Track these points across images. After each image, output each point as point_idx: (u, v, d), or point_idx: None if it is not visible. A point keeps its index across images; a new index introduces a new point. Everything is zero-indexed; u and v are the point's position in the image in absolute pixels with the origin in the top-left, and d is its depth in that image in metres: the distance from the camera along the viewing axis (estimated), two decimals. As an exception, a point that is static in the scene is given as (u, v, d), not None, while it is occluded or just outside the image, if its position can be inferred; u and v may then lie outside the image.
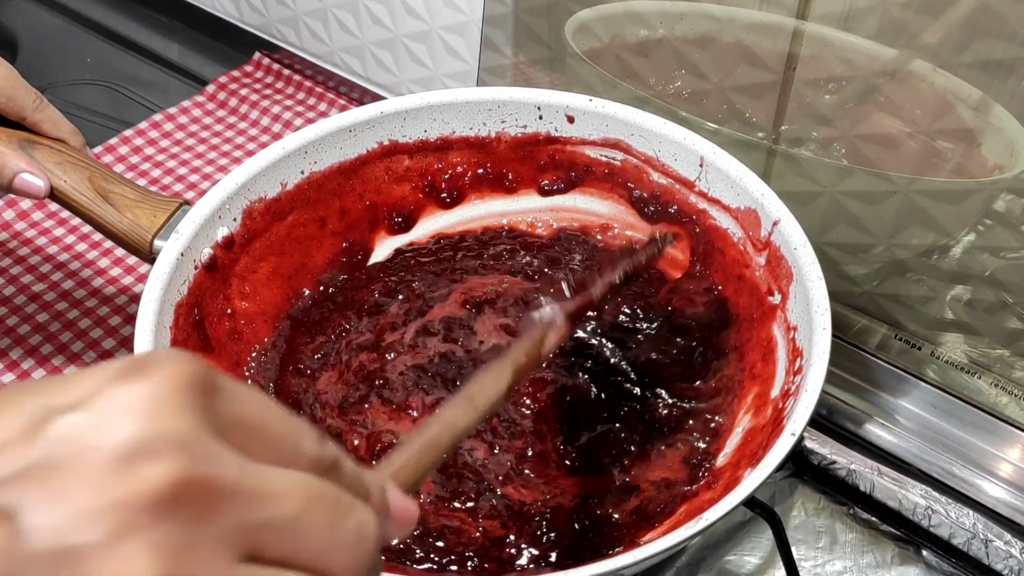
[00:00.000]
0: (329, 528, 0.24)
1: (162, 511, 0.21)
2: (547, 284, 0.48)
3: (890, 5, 0.60)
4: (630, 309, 0.61)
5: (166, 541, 0.21)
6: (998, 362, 0.62)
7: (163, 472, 0.21)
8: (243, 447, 0.23)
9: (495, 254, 0.66)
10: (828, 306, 0.52)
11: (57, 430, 0.21)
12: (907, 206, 0.62)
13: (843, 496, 0.61)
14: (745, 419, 0.55)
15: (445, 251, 0.67)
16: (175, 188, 0.86)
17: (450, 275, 0.64)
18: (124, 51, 1.03)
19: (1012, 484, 0.60)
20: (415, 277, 0.64)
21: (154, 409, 0.22)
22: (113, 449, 0.21)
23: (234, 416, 0.24)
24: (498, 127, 0.66)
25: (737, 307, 0.59)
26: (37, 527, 0.20)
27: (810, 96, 0.67)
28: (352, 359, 0.59)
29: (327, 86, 0.97)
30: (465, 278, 0.64)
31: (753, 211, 0.58)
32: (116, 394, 0.22)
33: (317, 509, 0.24)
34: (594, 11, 0.72)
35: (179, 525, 0.21)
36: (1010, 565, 0.56)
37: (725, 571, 0.58)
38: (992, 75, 0.58)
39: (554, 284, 0.44)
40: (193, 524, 0.21)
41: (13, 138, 0.60)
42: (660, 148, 0.63)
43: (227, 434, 0.23)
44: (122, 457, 0.21)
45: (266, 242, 0.62)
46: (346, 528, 0.24)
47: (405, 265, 0.66)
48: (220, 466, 0.22)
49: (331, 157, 0.64)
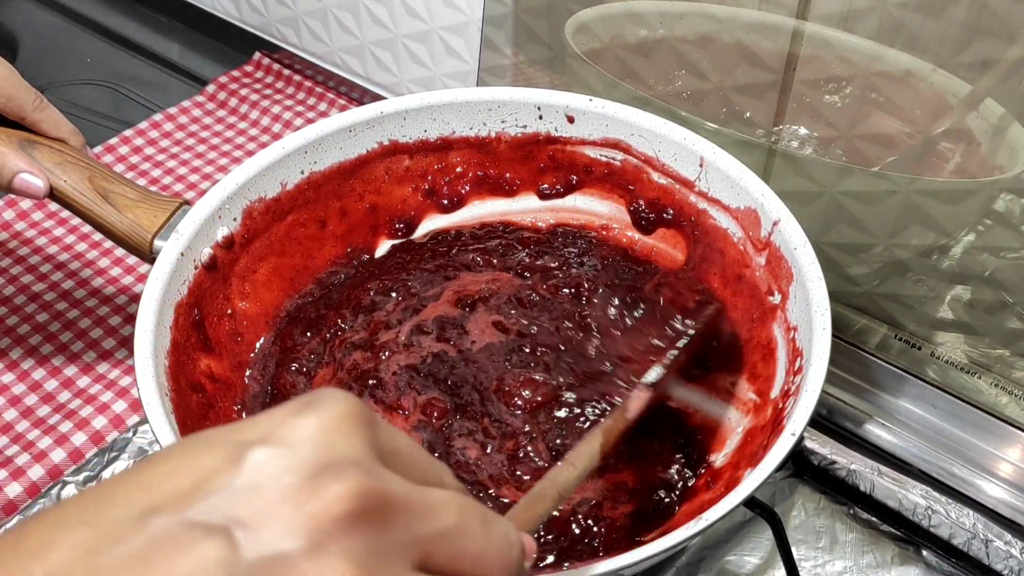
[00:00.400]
0: (483, 535, 0.28)
1: (350, 522, 0.24)
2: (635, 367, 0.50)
3: (890, 5, 0.60)
4: (619, 300, 0.60)
5: (355, 548, 0.24)
6: (998, 362, 0.62)
7: (348, 487, 0.25)
8: (400, 473, 0.27)
9: (490, 248, 0.66)
10: (828, 306, 0.52)
11: (254, 459, 0.25)
12: (907, 206, 0.62)
13: (843, 496, 0.61)
14: (745, 419, 0.55)
15: (440, 247, 0.67)
16: (175, 188, 0.86)
17: (444, 272, 0.64)
18: (124, 51, 1.03)
19: (1012, 484, 0.60)
20: (410, 275, 0.64)
21: (330, 437, 0.26)
22: (302, 471, 0.25)
23: (391, 446, 0.27)
24: (498, 127, 0.66)
25: (734, 313, 0.59)
26: (250, 539, 0.24)
27: (810, 96, 0.67)
28: (346, 358, 0.59)
29: (327, 86, 0.97)
30: (459, 275, 0.64)
31: (753, 211, 0.58)
32: (296, 427, 0.26)
33: (471, 518, 0.27)
34: (594, 11, 0.72)
35: (364, 534, 0.24)
36: (1010, 565, 0.56)
37: (725, 571, 0.58)
38: (992, 75, 0.58)
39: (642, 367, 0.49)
40: (375, 533, 0.25)
41: (13, 138, 0.60)
42: (660, 148, 0.63)
43: (386, 461, 0.27)
44: (311, 476, 0.25)
45: (266, 242, 0.62)
46: (496, 535, 0.28)
47: (401, 262, 0.66)
48: (390, 483, 0.26)
49: (331, 157, 0.64)
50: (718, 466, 0.53)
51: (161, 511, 0.24)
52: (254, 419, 0.27)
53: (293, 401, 0.27)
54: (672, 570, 0.57)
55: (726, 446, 0.54)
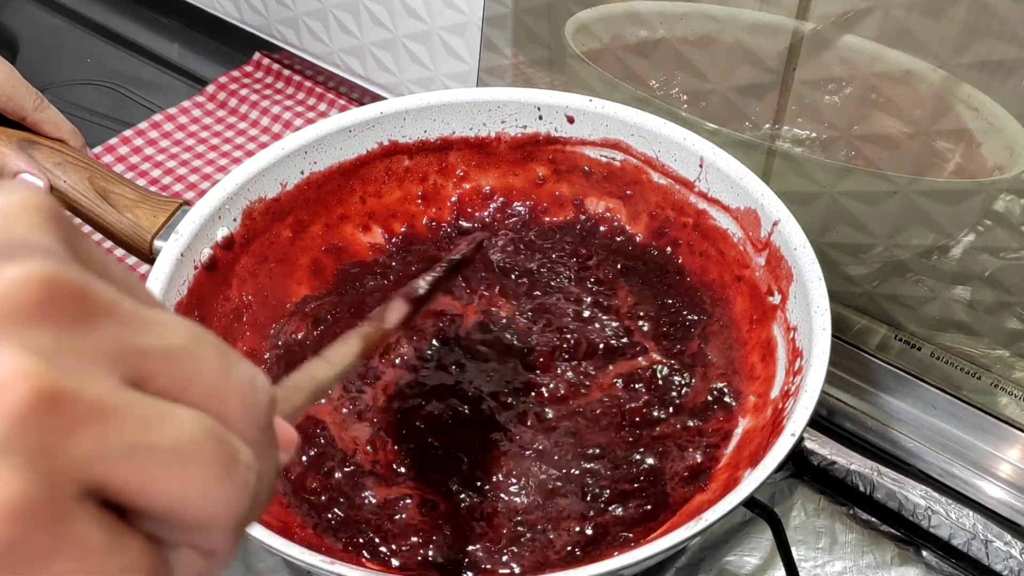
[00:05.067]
0: (220, 368, 0.22)
1: (33, 310, 0.19)
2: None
3: (890, 5, 0.60)
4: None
5: (40, 342, 0.18)
6: (998, 362, 0.62)
7: (31, 270, 0.19)
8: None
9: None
10: (828, 306, 0.52)
11: None
12: (907, 206, 0.62)
13: (843, 496, 0.61)
14: (745, 419, 0.55)
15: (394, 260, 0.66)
16: (175, 188, 0.86)
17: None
18: (124, 51, 1.03)
19: (1012, 484, 0.60)
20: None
21: (8, 223, 0.20)
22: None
23: (96, 257, 0.22)
24: (498, 127, 0.66)
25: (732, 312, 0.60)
26: None
27: (810, 96, 0.67)
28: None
29: (327, 86, 0.97)
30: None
31: (753, 211, 0.58)
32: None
33: (205, 345, 0.22)
34: (594, 11, 0.72)
35: (53, 328, 0.19)
36: (1010, 566, 0.56)
37: (725, 571, 0.58)
38: (992, 75, 0.58)
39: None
40: (67, 330, 0.19)
41: (13, 138, 0.60)
42: (660, 148, 0.63)
43: (87, 267, 0.21)
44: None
45: (266, 242, 0.62)
46: (239, 373, 0.22)
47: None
48: (90, 281, 0.20)
49: (331, 157, 0.64)
50: (718, 466, 0.53)
51: None
52: None
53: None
54: (672, 570, 0.57)
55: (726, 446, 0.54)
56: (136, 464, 0.19)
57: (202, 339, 0.22)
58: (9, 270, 0.19)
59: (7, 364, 0.18)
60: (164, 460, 0.20)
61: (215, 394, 0.21)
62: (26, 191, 0.20)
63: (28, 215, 0.20)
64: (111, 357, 0.20)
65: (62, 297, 0.19)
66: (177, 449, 0.20)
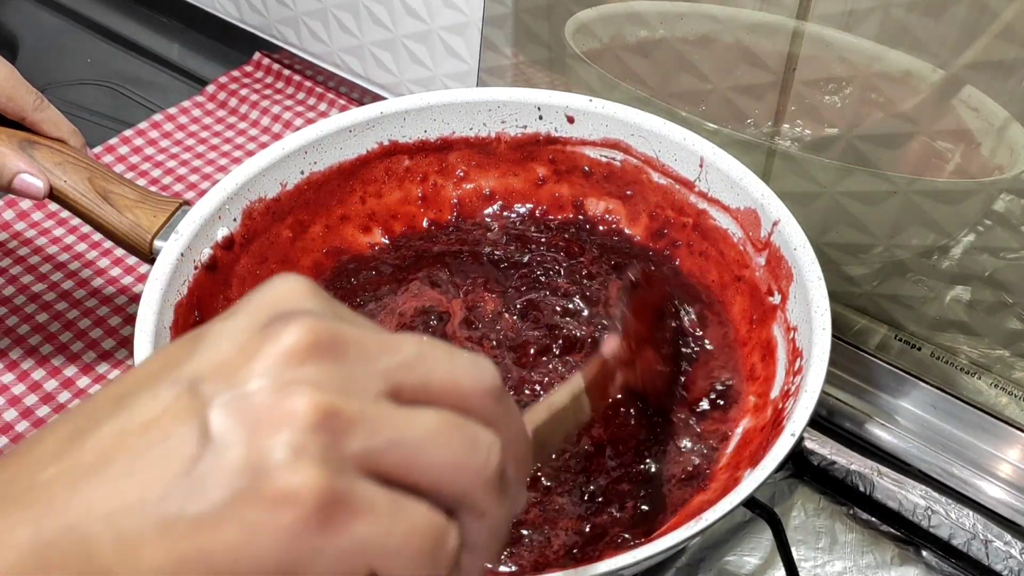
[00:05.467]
0: (447, 359, 0.27)
1: (307, 354, 0.25)
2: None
3: (890, 5, 0.60)
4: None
5: (318, 377, 0.25)
6: (998, 362, 0.62)
7: (299, 324, 0.25)
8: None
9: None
10: (828, 306, 0.52)
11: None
12: (907, 206, 0.62)
13: (843, 497, 0.61)
14: (745, 420, 0.55)
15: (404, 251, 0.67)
16: (175, 188, 0.86)
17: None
18: (124, 51, 1.03)
19: (1012, 484, 0.60)
20: (418, 273, 0.64)
21: (284, 296, 0.27)
22: (253, 327, 0.26)
23: (341, 310, 0.28)
24: (498, 127, 0.66)
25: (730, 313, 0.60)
26: (209, 388, 0.25)
27: (810, 96, 0.67)
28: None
29: (327, 86, 0.97)
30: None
31: (753, 211, 0.58)
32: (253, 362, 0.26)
33: (431, 347, 0.27)
34: (594, 11, 0.72)
35: (324, 366, 0.25)
36: (1010, 566, 0.56)
37: (725, 571, 0.58)
38: (992, 75, 0.58)
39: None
40: (335, 365, 0.25)
41: (13, 138, 0.60)
42: (660, 148, 0.63)
43: (341, 318, 0.27)
44: (262, 326, 0.26)
45: (266, 242, 0.62)
46: (462, 359, 0.28)
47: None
48: (343, 324, 0.26)
49: (331, 157, 0.64)
50: (717, 466, 0.53)
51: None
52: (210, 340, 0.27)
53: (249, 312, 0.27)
54: (672, 570, 0.57)
55: (726, 446, 0.54)
56: (397, 451, 0.25)
57: (427, 343, 0.28)
58: (286, 328, 0.25)
59: (296, 394, 0.24)
60: (418, 446, 0.26)
61: (450, 379, 0.27)
62: (294, 278, 0.28)
63: (298, 289, 0.27)
64: (370, 379, 0.26)
65: (326, 341, 0.25)
66: (426, 438, 0.26)
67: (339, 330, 0.26)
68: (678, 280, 0.63)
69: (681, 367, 0.57)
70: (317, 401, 0.24)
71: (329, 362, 0.25)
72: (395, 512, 0.25)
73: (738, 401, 0.56)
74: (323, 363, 0.25)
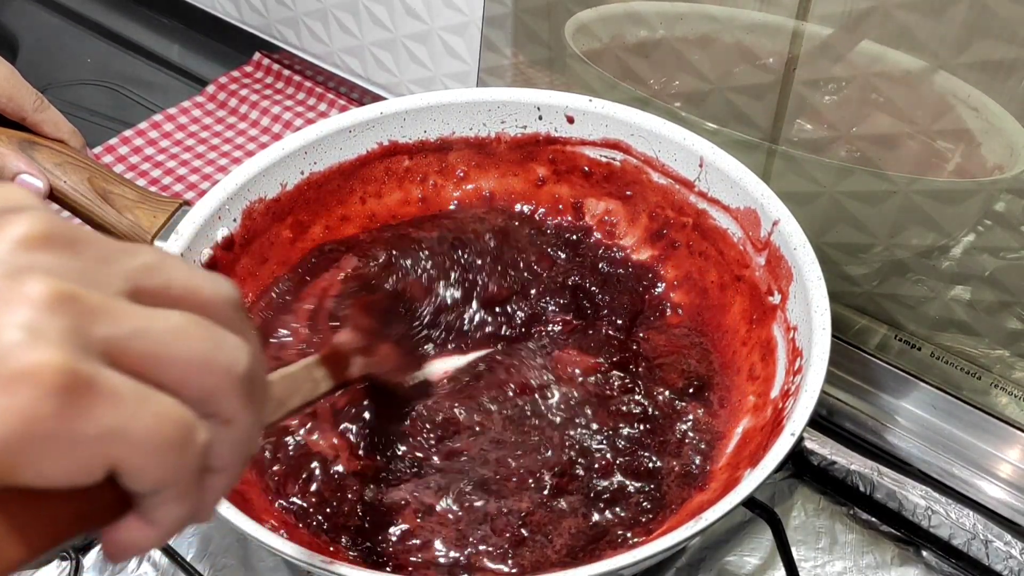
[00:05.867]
0: (186, 271, 0.27)
1: (41, 243, 0.25)
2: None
3: (890, 5, 0.60)
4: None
5: (53, 265, 0.24)
6: (998, 362, 0.62)
7: (31, 216, 0.25)
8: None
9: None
10: (828, 306, 0.52)
11: None
12: (907, 206, 0.62)
13: (843, 497, 0.61)
14: (745, 419, 0.55)
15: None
16: (175, 188, 0.86)
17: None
18: (124, 51, 1.04)
19: (1012, 484, 0.60)
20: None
21: (6, 195, 0.26)
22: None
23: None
24: (498, 127, 0.66)
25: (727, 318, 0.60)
26: None
27: (810, 96, 0.67)
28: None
29: (327, 86, 0.97)
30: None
31: (753, 211, 0.58)
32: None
33: (170, 259, 0.28)
34: (594, 11, 0.72)
35: (60, 256, 0.25)
36: (1010, 566, 0.56)
37: (725, 571, 0.58)
38: (992, 75, 0.58)
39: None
40: (71, 257, 0.25)
41: (13, 139, 0.60)
42: (660, 148, 0.63)
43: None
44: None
45: (266, 242, 0.62)
46: (200, 274, 0.28)
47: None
48: (77, 228, 0.26)
49: (331, 157, 0.64)
50: (717, 466, 0.53)
51: None
52: None
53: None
54: (672, 570, 0.57)
55: (726, 446, 0.54)
56: (141, 342, 0.25)
57: (167, 256, 0.28)
58: (22, 216, 0.25)
59: (31, 279, 0.24)
60: (163, 340, 0.25)
61: (190, 284, 0.27)
62: (16, 187, 0.27)
63: (25, 193, 0.27)
64: (109, 277, 0.25)
65: (59, 233, 0.25)
66: (172, 331, 0.26)
67: (73, 228, 0.26)
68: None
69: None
70: (54, 285, 0.24)
71: (65, 254, 0.25)
72: (140, 401, 0.24)
73: (732, 400, 0.56)
74: (59, 253, 0.25)
